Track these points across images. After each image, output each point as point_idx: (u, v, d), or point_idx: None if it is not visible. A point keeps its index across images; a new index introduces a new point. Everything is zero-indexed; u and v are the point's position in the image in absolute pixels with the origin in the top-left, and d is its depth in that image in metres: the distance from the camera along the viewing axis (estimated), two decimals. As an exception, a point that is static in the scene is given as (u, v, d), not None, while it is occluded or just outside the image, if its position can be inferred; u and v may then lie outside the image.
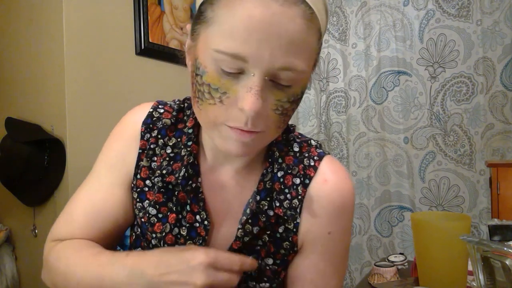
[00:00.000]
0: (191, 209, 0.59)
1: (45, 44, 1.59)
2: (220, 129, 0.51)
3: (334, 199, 0.60)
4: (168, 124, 0.62)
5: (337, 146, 2.30)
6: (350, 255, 2.26)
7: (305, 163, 0.61)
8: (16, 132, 1.58)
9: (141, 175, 0.62)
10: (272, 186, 0.59)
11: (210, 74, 0.48)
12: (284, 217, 0.59)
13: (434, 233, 0.90)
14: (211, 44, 0.47)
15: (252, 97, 0.46)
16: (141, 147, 0.62)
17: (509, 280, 0.67)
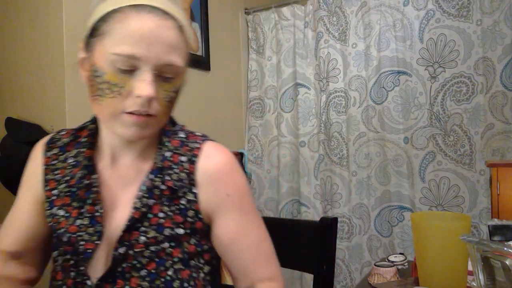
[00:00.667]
0: (92, 202, 0.69)
1: (45, 44, 1.59)
2: (120, 119, 0.63)
3: (219, 167, 0.71)
4: (66, 142, 0.76)
5: (337, 146, 2.30)
6: (350, 255, 2.26)
7: (190, 146, 0.73)
8: (16, 132, 1.58)
9: (50, 187, 0.74)
10: (163, 164, 0.70)
11: (108, 74, 0.62)
12: (174, 188, 0.69)
13: (434, 233, 0.90)
14: (109, 50, 0.61)
15: (146, 85, 0.61)
16: (45, 163, 0.75)
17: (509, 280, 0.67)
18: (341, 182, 2.29)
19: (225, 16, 2.44)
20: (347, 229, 2.27)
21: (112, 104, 0.62)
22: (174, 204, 0.69)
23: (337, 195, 2.29)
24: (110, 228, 0.69)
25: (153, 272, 0.66)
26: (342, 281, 2.29)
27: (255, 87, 2.58)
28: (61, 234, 0.70)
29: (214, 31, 2.31)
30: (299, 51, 2.41)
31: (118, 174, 0.72)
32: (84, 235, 0.68)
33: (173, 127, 0.76)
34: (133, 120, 0.63)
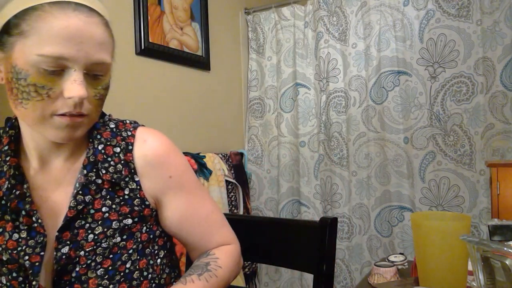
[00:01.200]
0: (27, 213, 0.64)
1: (45, 44, 1.59)
2: (51, 122, 0.60)
3: (156, 151, 0.70)
4: None
5: (337, 146, 2.30)
6: (350, 255, 2.26)
7: (123, 135, 0.71)
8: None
9: None
10: (96, 158, 0.68)
11: (33, 76, 0.57)
12: (112, 181, 0.67)
13: (434, 233, 0.90)
14: (33, 51, 0.57)
15: (77, 86, 0.58)
16: None
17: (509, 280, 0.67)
18: (341, 182, 2.29)
19: (225, 16, 2.44)
20: (347, 229, 2.27)
21: (40, 107, 0.59)
22: (117, 196, 0.67)
23: (337, 195, 2.30)
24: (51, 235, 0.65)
25: (110, 269, 0.65)
26: (342, 281, 2.29)
27: (255, 87, 2.58)
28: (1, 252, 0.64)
29: (214, 31, 2.31)
30: (299, 51, 2.41)
31: (51, 177, 0.68)
32: (26, 249, 0.63)
33: (101, 119, 0.73)
34: (66, 121, 0.60)
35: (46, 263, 0.64)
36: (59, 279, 0.63)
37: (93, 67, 0.61)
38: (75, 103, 0.59)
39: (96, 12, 0.62)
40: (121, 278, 0.65)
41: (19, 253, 0.63)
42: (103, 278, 0.64)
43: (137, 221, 0.68)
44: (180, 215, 0.72)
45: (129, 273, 0.66)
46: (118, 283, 0.65)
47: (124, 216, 0.67)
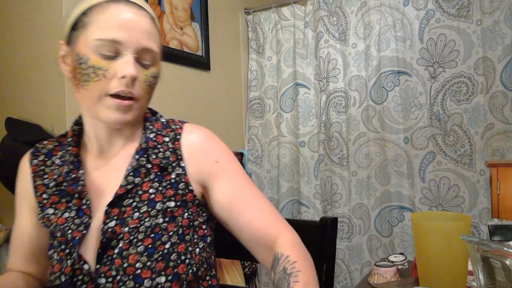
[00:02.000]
0: (79, 196, 0.72)
1: (45, 44, 1.59)
2: (104, 102, 0.68)
3: (201, 139, 0.77)
4: (51, 148, 0.80)
5: (337, 146, 2.30)
6: (350, 255, 2.26)
7: (172, 127, 0.79)
8: (16, 132, 1.58)
9: (39, 192, 0.76)
10: (147, 145, 0.75)
11: (93, 59, 0.67)
12: (161, 165, 0.73)
13: (434, 233, 0.90)
14: (92, 37, 0.67)
15: (129, 66, 0.67)
16: (32, 171, 0.78)
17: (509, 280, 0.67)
18: (341, 182, 2.29)
19: (225, 16, 2.44)
20: (347, 229, 2.27)
21: (97, 86, 0.67)
22: (164, 180, 0.73)
23: (337, 195, 2.30)
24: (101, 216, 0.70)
25: (150, 247, 0.68)
26: (342, 281, 2.29)
27: (255, 87, 2.58)
28: (54, 230, 0.72)
29: (214, 31, 2.31)
30: (299, 51, 2.41)
31: (107, 163, 0.76)
32: (71, 225, 0.70)
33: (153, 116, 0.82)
34: (117, 103, 0.68)
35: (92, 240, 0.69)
36: (103, 254, 0.67)
37: (142, 53, 0.70)
38: (127, 82, 0.67)
39: (144, 9, 0.72)
40: (159, 257, 0.68)
41: (65, 228, 0.70)
42: (142, 254, 0.67)
43: (179, 205, 0.72)
44: (229, 197, 0.74)
45: (167, 253, 0.68)
46: (156, 261, 0.67)
47: (168, 198, 0.71)
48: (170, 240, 0.69)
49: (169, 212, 0.71)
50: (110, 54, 0.67)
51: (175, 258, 0.69)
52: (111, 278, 0.66)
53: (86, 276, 0.67)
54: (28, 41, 1.65)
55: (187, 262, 0.70)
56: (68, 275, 0.67)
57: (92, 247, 0.69)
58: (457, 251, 0.87)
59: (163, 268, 0.67)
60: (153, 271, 0.66)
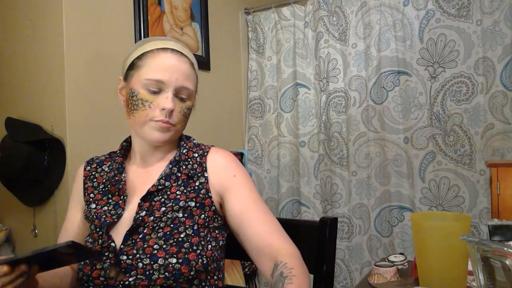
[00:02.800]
0: (118, 194, 0.90)
1: (45, 44, 1.59)
2: (149, 124, 0.87)
3: (226, 157, 0.93)
4: (103, 159, 0.99)
5: (337, 146, 2.30)
6: (350, 255, 2.26)
7: (202, 147, 0.96)
8: (16, 132, 1.58)
9: (88, 192, 0.94)
10: (180, 158, 0.92)
11: (142, 93, 0.87)
12: (189, 175, 0.90)
13: (434, 233, 0.90)
14: (143, 76, 0.87)
15: (168, 101, 0.86)
16: (84, 175, 0.97)
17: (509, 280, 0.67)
18: (341, 182, 2.29)
19: (225, 16, 2.44)
20: (347, 229, 2.27)
21: (143, 114, 0.86)
22: (190, 186, 0.89)
23: (337, 195, 2.29)
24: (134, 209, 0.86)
25: (167, 234, 0.81)
26: (342, 281, 2.29)
27: (255, 87, 2.58)
28: (92, 219, 0.87)
29: (214, 31, 2.31)
30: (299, 51, 2.41)
31: (146, 171, 0.93)
32: (107, 214, 0.87)
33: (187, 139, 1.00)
34: (158, 125, 0.86)
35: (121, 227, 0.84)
36: (129, 237, 0.82)
37: (180, 91, 0.88)
38: (166, 113, 0.86)
39: (185, 56, 0.91)
40: (173, 243, 0.80)
41: (101, 215, 0.87)
42: (160, 238, 0.80)
43: (198, 207, 0.86)
44: (241, 208, 0.87)
45: (181, 241, 0.81)
46: (170, 245, 0.80)
47: (190, 199, 0.86)
48: (185, 232, 0.82)
49: (188, 210, 0.85)
50: (155, 90, 0.86)
51: (188, 246, 0.80)
52: (131, 256, 0.79)
53: (111, 253, 0.80)
54: (28, 41, 1.65)
55: (198, 252, 0.81)
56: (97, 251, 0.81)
57: (121, 233, 0.83)
58: (457, 251, 0.87)
59: (176, 252, 0.79)
60: (166, 252, 0.79)
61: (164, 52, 0.88)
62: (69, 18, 1.55)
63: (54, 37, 1.56)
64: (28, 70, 1.66)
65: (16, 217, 1.70)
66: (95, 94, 1.64)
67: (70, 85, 1.55)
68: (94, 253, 0.79)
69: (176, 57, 0.89)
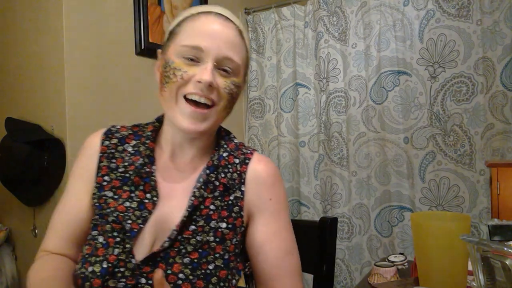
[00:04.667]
0: (144, 189, 0.74)
1: (45, 44, 1.59)
2: (180, 105, 0.71)
3: (268, 172, 0.79)
4: (125, 135, 0.80)
5: (337, 146, 2.30)
6: (350, 255, 2.26)
7: (243, 151, 0.81)
8: (16, 132, 1.58)
9: (102, 173, 0.76)
10: (219, 163, 0.77)
11: (176, 62, 0.71)
12: (227, 185, 0.76)
13: (434, 233, 0.90)
14: (179, 43, 0.72)
15: (206, 71, 0.69)
16: (101, 151, 0.77)
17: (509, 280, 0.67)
18: (341, 182, 2.29)
19: (225, 16, 2.44)
20: (347, 229, 2.27)
21: (175, 87, 0.71)
22: (224, 200, 0.75)
23: (337, 195, 2.29)
24: (161, 214, 0.72)
25: (195, 262, 0.68)
26: (342, 281, 2.29)
27: (255, 87, 2.58)
28: (108, 214, 0.72)
29: (214, 31, 2.31)
30: (299, 51, 2.41)
31: (175, 169, 0.78)
32: (131, 216, 0.71)
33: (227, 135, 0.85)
34: (190, 109, 0.70)
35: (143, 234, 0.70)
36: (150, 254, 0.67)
37: (223, 62, 0.72)
38: (202, 87, 0.69)
39: (232, 21, 0.76)
40: (201, 275, 0.68)
41: (125, 217, 0.71)
42: (186, 266, 0.67)
43: (230, 228, 0.74)
44: (264, 238, 0.76)
45: (209, 274, 0.68)
46: (197, 278, 0.67)
47: (221, 219, 0.73)
48: (214, 263, 0.70)
49: (220, 233, 0.72)
50: (192, 58, 0.71)
51: (216, 282, 0.68)
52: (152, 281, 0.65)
53: (128, 271, 0.66)
54: (28, 41, 1.65)
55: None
56: (111, 264, 0.66)
57: (141, 243, 0.69)
58: (457, 251, 0.87)
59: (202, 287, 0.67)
60: (193, 285, 0.66)
61: (206, 16, 0.74)
62: (69, 18, 1.55)
63: (54, 37, 1.56)
64: (28, 70, 1.66)
65: (16, 217, 1.70)
66: (95, 94, 1.64)
67: (70, 85, 1.55)
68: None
69: (220, 21, 0.74)
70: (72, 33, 1.56)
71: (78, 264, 0.70)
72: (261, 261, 0.76)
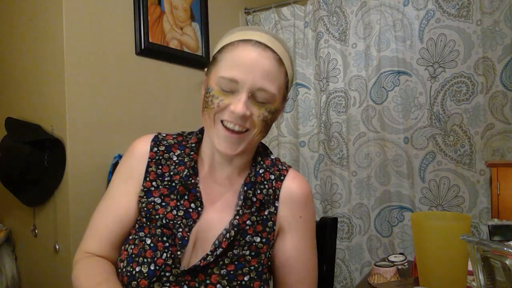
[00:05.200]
0: (188, 199, 0.78)
1: (45, 44, 1.59)
2: (217, 128, 0.75)
3: (301, 191, 0.83)
4: (171, 143, 0.84)
5: (337, 146, 2.30)
6: (350, 255, 2.26)
7: (279, 167, 0.85)
8: (16, 132, 1.58)
9: (150, 178, 0.80)
10: (255, 179, 0.81)
11: (215, 90, 0.75)
12: (263, 201, 0.79)
13: (434, 233, 0.90)
14: (218, 74, 0.74)
15: (239, 104, 0.72)
16: (150, 157, 0.81)
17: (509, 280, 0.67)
18: (341, 182, 2.29)
19: (225, 16, 2.44)
20: (347, 229, 2.27)
21: (213, 112, 0.75)
22: (260, 215, 0.79)
23: (337, 195, 2.29)
24: (203, 224, 0.77)
25: (231, 273, 0.73)
26: (342, 281, 2.29)
27: (255, 87, 2.58)
28: (157, 219, 0.76)
29: (214, 31, 2.31)
30: (299, 51, 2.41)
31: (214, 183, 0.82)
32: (180, 224, 0.75)
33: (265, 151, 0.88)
34: (226, 134, 0.74)
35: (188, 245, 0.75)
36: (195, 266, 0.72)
37: (257, 92, 0.74)
38: (236, 117, 0.73)
39: (270, 49, 0.75)
40: (237, 286, 0.73)
41: (175, 224, 0.75)
42: (223, 277, 0.72)
43: (264, 242, 0.78)
44: (291, 253, 0.81)
45: (244, 285, 0.73)
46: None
47: (256, 233, 0.78)
48: (249, 274, 0.74)
49: (254, 247, 0.77)
50: (228, 90, 0.73)
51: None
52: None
53: (173, 276, 0.71)
54: (28, 41, 1.65)
55: None
56: (158, 267, 0.71)
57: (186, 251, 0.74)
58: (457, 251, 0.87)
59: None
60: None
61: (244, 45, 0.74)
62: (69, 18, 1.55)
63: (54, 37, 1.56)
64: (28, 70, 1.66)
65: (16, 217, 1.70)
66: (95, 94, 1.64)
67: (70, 85, 1.55)
68: None
69: (258, 51, 0.73)
70: (72, 33, 1.56)
71: (123, 262, 0.74)
72: (285, 273, 0.81)
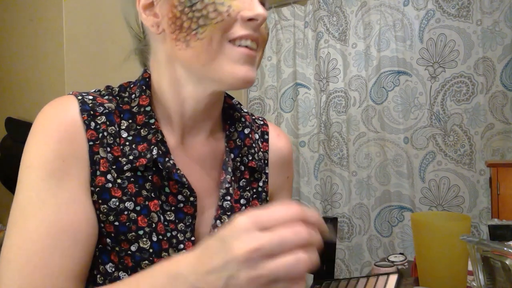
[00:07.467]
0: (170, 190, 0.52)
1: (45, 44, 1.59)
2: (227, 51, 0.50)
3: (289, 149, 0.69)
4: (113, 108, 0.53)
5: (337, 146, 2.30)
6: (350, 255, 2.26)
7: (258, 122, 0.67)
8: (16, 132, 1.58)
9: (101, 170, 0.50)
10: (243, 142, 0.60)
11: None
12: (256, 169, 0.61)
13: (434, 233, 0.90)
14: None
15: (258, 5, 0.49)
16: (90, 138, 0.50)
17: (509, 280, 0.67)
18: (341, 182, 2.29)
19: (225, 16, 2.44)
20: (347, 229, 2.27)
21: (218, 29, 0.48)
22: (252, 188, 0.61)
23: (337, 195, 2.29)
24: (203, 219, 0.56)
25: None
26: (342, 281, 2.28)
27: (255, 87, 2.58)
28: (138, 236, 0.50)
29: (214, 31, 2.31)
30: (299, 51, 2.41)
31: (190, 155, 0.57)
32: (178, 235, 0.52)
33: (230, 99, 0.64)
34: (243, 53, 0.50)
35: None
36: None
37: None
38: (255, 26, 0.50)
39: None
40: None
41: (170, 241, 0.51)
42: None
43: None
44: None
45: None
46: None
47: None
48: None
49: None
50: None
51: None
52: None
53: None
54: (28, 41, 1.65)
55: None
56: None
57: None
58: (457, 251, 0.87)
59: None
60: None
61: None
62: (69, 18, 1.55)
63: (54, 37, 1.56)
64: (28, 70, 1.66)
65: (16, 217, 1.70)
66: (95, 94, 1.64)
67: (70, 85, 1.55)
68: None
69: None
70: (72, 33, 1.56)
71: None
72: None
